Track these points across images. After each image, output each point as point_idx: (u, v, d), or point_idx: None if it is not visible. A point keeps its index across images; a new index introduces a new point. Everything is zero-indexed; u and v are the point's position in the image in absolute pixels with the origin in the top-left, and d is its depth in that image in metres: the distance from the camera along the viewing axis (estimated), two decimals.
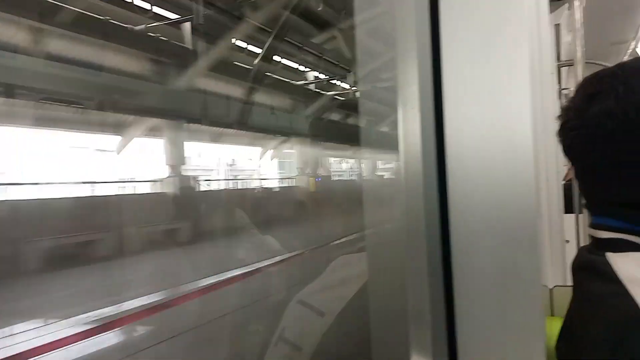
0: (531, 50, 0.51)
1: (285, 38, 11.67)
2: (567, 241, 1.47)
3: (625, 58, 6.54)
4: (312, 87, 15.09)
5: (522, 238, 0.45)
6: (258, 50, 11.96)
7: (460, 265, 0.46)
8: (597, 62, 2.77)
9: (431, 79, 0.48)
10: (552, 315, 1.10)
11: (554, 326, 0.76)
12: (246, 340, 3.96)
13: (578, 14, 1.40)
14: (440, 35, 0.47)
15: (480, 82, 0.46)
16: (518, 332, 0.45)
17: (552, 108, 1.39)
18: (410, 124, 0.48)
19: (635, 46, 5.93)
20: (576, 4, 1.38)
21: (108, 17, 8.72)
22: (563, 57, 3.95)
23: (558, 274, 1.14)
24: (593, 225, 0.71)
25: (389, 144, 0.51)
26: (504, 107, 0.46)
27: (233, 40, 10.96)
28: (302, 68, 14.25)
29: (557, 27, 2.79)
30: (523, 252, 0.45)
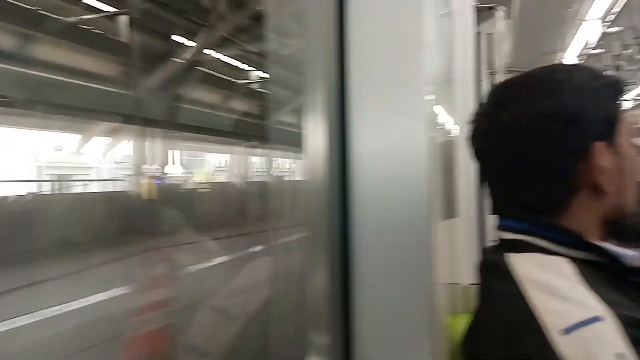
0: (433, 59, 0.53)
1: None
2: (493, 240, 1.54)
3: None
4: (155, 50, 9.92)
5: (416, 240, 0.47)
6: None
7: (359, 268, 0.47)
8: (517, 69, 2.90)
9: (338, 88, 0.49)
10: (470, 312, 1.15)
11: (466, 323, 0.80)
12: None
13: (500, 25, 1.48)
14: (348, 49, 0.48)
15: (383, 92, 0.48)
16: (411, 330, 0.47)
17: None
18: (316, 130, 0.49)
19: (562, 57, 6.31)
20: (498, 14, 1.46)
21: None
22: (497, 66, 4.15)
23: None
24: (498, 227, 0.75)
25: (283, 139, 0.51)
26: (402, 122, 0.47)
27: None
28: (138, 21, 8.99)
29: (489, 36, 2.92)
30: (417, 254, 0.47)
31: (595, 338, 0.52)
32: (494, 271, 0.69)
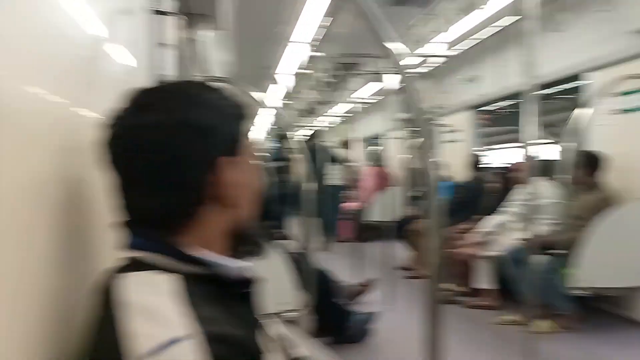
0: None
1: None
2: None
3: (270, 80, 7.58)
4: None
5: None
6: None
7: None
8: (236, 79, 2.97)
9: None
10: None
11: None
12: None
13: (183, 34, 1.49)
14: None
15: None
16: None
17: None
18: None
19: (275, 72, 7.02)
20: (172, 22, 1.47)
21: None
22: (216, 73, 4.29)
23: None
24: (124, 245, 0.71)
25: None
26: None
27: None
28: None
29: (190, 42, 2.95)
30: None
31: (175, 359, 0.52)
32: (101, 295, 0.65)
